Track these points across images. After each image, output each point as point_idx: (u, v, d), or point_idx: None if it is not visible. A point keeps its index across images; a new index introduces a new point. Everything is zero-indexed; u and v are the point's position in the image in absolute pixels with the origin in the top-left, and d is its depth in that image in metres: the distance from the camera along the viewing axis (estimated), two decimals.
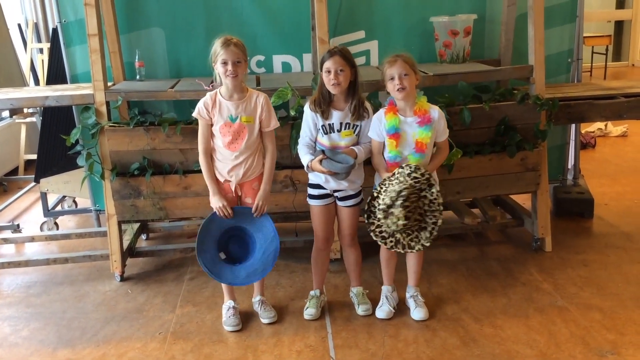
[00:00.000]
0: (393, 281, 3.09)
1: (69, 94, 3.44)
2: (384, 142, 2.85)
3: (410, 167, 2.70)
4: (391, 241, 2.83)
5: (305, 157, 2.88)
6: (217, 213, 2.88)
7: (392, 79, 2.77)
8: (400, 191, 2.67)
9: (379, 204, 2.75)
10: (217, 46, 2.74)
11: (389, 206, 2.71)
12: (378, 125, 2.85)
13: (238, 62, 2.74)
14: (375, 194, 2.80)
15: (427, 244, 2.82)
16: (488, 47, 4.05)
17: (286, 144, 3.33)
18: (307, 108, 2.90)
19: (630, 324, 2.89)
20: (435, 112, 2.84)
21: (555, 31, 4.07)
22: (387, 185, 2.75)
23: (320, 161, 2.80)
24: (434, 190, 2.73)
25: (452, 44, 3.75)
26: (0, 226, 4.41)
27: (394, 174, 2.75)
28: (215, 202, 2.86)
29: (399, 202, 2.68)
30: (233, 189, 2.88)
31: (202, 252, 2.87)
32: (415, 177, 2.69)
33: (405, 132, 2.81)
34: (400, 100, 2.81)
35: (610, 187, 4.92)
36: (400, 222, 2.72)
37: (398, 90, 2.76)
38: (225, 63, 2.72)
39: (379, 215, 2.76)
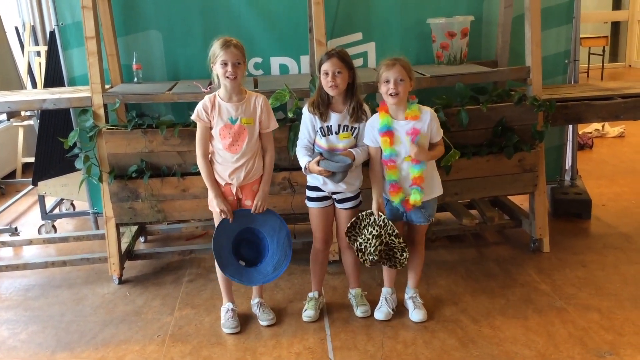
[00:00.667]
0: (393, 283, 3.09)
1: (67, 97, 3.44)
2: (380, 147, 2.85)
3: (394, 230, 2.81)
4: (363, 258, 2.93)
5: (303, 159, 2.88)
6: (219, 215, 2.88)
7: (387, 82, 2.76)
8: (374, 252, 2.80)
9: (357, 240, 2.89)
10: (216, 47, 2.73)
11: (362, 250, 2.86)
12: (371, 131, 2.85)
13: (238, 63, 2.73)
14: (360, 217, 2.90)
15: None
16: (485, 49, 4.06)
17: (284, 146, 3.33)
18: (305, 110, 2.90)
19: (629, 324, 2.90)
20: (427, 113, 2.84)
21: (552, 32, 4.08)
22: (372, 220, 2.85)
23: (318, 162, 2.80)
24: (405, 255, 2.85)
25: (449, 46, 3.76)
26: None
27: (380, 216, 2.84)
28: (218, 205, 2.86)
29: (369, 258, 2.84)
30: (234, 191, 2.88)
31: (225, 266, 2.90)
32: (392, 240, 2.82)
33: (398, 132, 2.81)
34: (392, 104, 2.82)
35: (607, 188, 4.92)
36: (366, 263, 2.89)
37: (391, 94, 2.76)
38: (225, 64, 2.72)
39: (354, 246, 2.91)
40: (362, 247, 2.86)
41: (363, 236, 2.85)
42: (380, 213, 2.85)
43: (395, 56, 2.81)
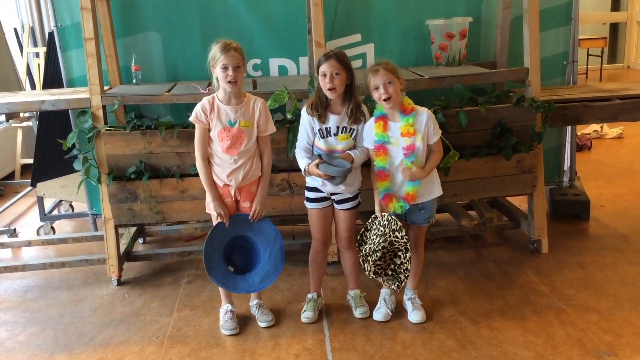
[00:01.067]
0: None
1: (66, 98, 3.44)
2: None
3: (398, 224, 2.81)
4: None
5: (302, 161, 2.88)
6: (216, 218, 2.88)
7: (377, 88, 2.77)
8: (377, 249, 2.81)
9: (363, 249, 2.92)
10: (216, 51, 2.73)
11: (367, 255, 2.87)
12: (370, 133, 2.86)
13: (238, 67, 2.73)
14: (367, 227, 2.93)
15: (395, 288, 2.97)
16: (484, 50, 4.06)
17: (283, 147, 3.33)
18: (304, 112, 2.90)
19: (627, 325, 2.90)
20: (424, 114, 2.83)
21: (551, 34, 4.08)
22: (376, 224, 2.88)
23: (317, 165, 2.80)
24: (408, 255, 2.84)
25: (448, 47, 3.76)
26: None
27: (384, 216, 2.85)
28: (215, 208, 2.86)
29: (372, 258, 2.84)
30: (232, 193, 2.88)
31: (212, 269, 2.89)
32: (396, 237, 2.81)
33: (397, 138, 2.81)
34: (389, 109, 2.82)
35: (606, 189, 4.93)
36: (370, 274, 2.90)
37: (384, 100, 2.76)
38: (225, 68, 2.71)
39: (360, 257, 2.93)
40: (367, 250, 2.86)
41: (370, 240, 2.87)
42: (383, 213, 2.86)
43: (378, 61, 2.84)
